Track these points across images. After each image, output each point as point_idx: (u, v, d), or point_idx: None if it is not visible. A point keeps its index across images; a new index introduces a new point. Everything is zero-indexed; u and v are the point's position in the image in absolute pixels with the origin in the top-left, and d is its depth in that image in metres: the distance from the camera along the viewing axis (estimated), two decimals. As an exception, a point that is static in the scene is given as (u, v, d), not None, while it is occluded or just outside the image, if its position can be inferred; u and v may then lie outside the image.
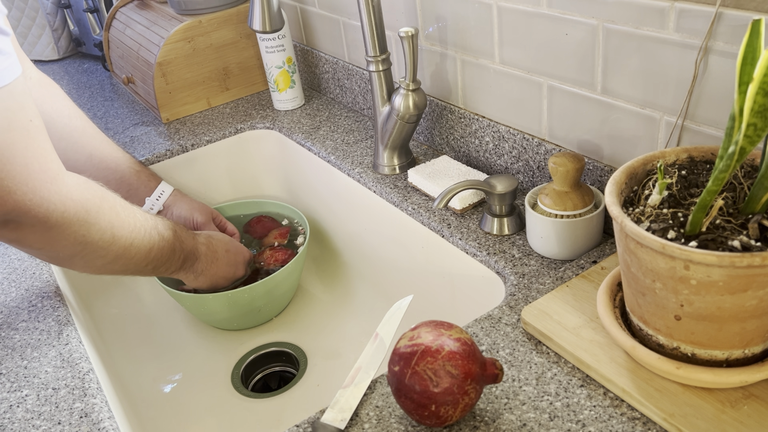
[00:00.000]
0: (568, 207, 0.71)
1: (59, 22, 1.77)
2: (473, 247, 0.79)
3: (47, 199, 0.64)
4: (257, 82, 1.33)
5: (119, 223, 0.73)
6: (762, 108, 0.43)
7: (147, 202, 1.00)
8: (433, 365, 0.52)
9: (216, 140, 1.20)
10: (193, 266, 0.88)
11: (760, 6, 0.55)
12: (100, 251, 0.72)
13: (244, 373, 0.99)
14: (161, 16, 1.29)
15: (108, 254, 0.73)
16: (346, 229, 1.10)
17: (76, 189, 0.68)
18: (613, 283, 0.62)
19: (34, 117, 0.64)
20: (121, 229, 0.73)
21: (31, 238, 0.66)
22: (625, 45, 0.67)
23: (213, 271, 0.91)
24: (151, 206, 1.00)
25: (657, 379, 0.55)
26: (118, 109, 1.37)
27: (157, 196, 1.00)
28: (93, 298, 1.06)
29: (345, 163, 1.03)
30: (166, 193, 1.01)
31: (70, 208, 0.66)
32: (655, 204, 0.53)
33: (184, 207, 1.03)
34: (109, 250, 0.72)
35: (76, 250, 0.70)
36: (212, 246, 0.91)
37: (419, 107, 0.91)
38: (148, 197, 1.00)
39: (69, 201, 0.66)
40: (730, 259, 0.45)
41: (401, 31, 0.84)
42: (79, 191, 0.68)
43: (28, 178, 0.63)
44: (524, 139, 0.84)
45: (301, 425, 0.58)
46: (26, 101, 0.64)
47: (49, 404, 0.66)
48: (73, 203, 0.67)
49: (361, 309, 1.07)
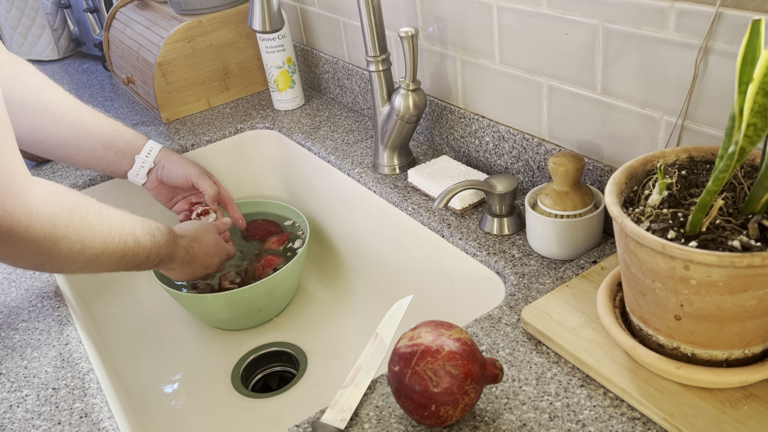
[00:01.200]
0: (568, 207, 0.71)
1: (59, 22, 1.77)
2: (473, 247, 0.79)
3: (11, 213, 0.62)
4: (257, 82, 1.33)
5: (90, 234, 0.71)
6: (762, 108, 0.43)
7: (137, 160, 0.99)
8: (433, 365, 0.52)
9: (216, 140, 1.20)
10: (168, 266, 0.87)
11: (760, 6, 0.55)
12: (67, 260, 0.70)
13: (244, 373, 0.99)
14: (161, 16, 1.29)
15: (76, 263, 0.71)
16: (346, 229, 1.10)
17: (43, 203, 0.66)
18: (613, 283, 0.62)
19: (3, 128, 0.62)
20: (92, 239, 0.71)
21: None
22: (625, 45, 0.67)
23: (187, 270, 0.91)
24: (141, 164, 0.99)
25: (657, 379, 0.55)
26: (118, 109, 1.37)
27: (146, 153, 1.00)
28: (93, 298, 1.06)
29: (345, 163, 1.03)
30: (155, 150, 1.01)
31: (35, 222, 0.64)
32: (655, 204, 0.53)
33: (176, 163, 1.02)
34: (78, 259, 0.71)
35: (42, 260, 0.68)
36: (192, 251, 0.90)
37: (419, 107, 0.91)
38: (137, 155, 0.99)
39: (35, 215, 0.64)
40: (730, 259, 0.45)
41: (401, 31, 0.84)
42: (46, 205, 0.66)
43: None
44: (524, 139, 0.84)
45: (301, 425, 0.58)
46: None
47: (49, 404, 0.66)
48: (39, 218, 0.64)
49: (361, 309, 1.07)
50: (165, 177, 1.01)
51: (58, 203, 0.68)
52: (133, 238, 0.77)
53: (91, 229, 0.71)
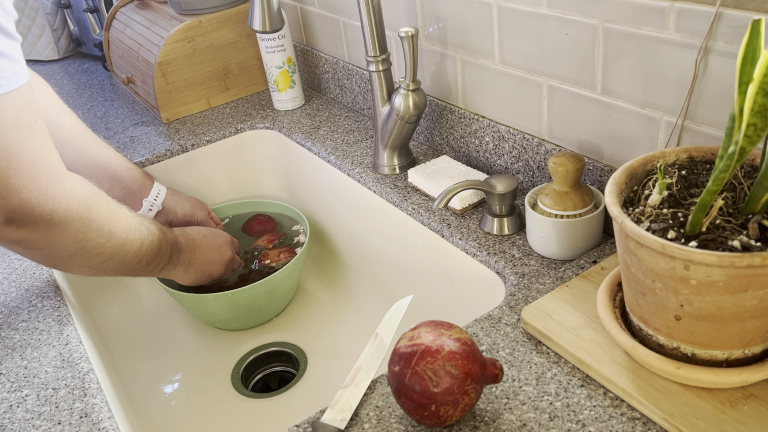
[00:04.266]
0: (568, 207, 0.71)
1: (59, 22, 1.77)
2: (473, 247, 0.79)
3: (51, 197, 0.65)
4: (257, 82, 1.33)
5: (115, 218, 0.74)
6: (762, 108, 0.43)
7: (144, 204, 0.99)
8: (433, 365, 0.52)
9: (216, 140, 1.20)
10: (179, 258, 0.88)
11: (760, 6, 0.55)
12: (99, 248, 0.72)
13: (244, 373, 0.99)
14: (161, 16, 1.29)
15: (105, 251, 0.73)
16: (346, 229, 1.10)
17: (78, 187, 0.69)
18: (613, 283, 0.62)
19: (39, 117, 0.65)
20: (117, 224, 0.74)
21: (33, 237, 0.66)
22: (625, 45, 0.67)
23: (199, 258, 0.91)
24: (149, 207, 1.00)
25: (657, 379, 0.55)
26: (118, 109, 1.37)
27: (154, 197, 1.00)
28: (93, 298, 1.06)
29: (345, 163, 1.03)
30: (162, 193, 1.01)
31: (73, 205, 0.67)
32: (655, 204, 0.53)
33: (186, 204, 1.03)
34: (107, 246, 0.73)
35: (76, 248, 0.70)
36: (188, 235, 0.92)
37: (419, 107, 0.91)
38: (146, 199, 1.00)
39: (73, 198, 0.67)
40: (730, 259, 0.45)
41: (401, 31, 0.84)
42: (80, 189, 0.69)
43: (33, 177, 0.63)
44: (524, 139, 0.84)
45: (301, 425, 0.58)
46: (32, 102, 0.65)
47: (49, 404, 0.66)
48: (76, 200, 0.68)
49: (361, 309, 1.07)
50: (172, 219, 1.02)
51: (87, 188, 0.71)
52: (145, 227, 0.80)
53: (115, 214, 0.75)
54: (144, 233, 0.79)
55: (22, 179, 0.62)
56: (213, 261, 0.94)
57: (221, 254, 0.95)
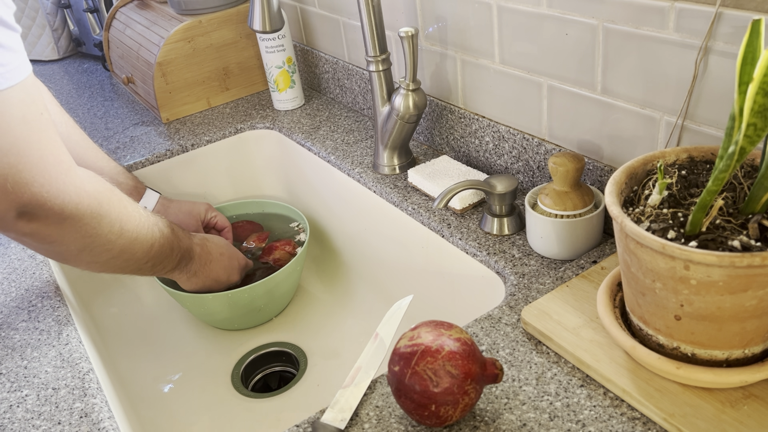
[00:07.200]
0: (568, 207, 0.71)
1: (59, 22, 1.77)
2: (473, 247, 0.79)
3: (63, 191, 0.65)
4: (257, 82, 1.33)
5: (126, 215, 0.74)
6: (762, 108, 0.43)
7: None
8: (433, 365, 0.52)
9: (216, 140, 1.20)
10: (187, 266, 0.88)
11: (760, 6, 0.55)
12: (108, 245, 0.72)
13: (244, 373, 0.99)
14: (161, 16, 1.29)
15: (114, 247, 0.73)
16: (346, 229, 1.10)
17: (88, 181, 0.69)
18: (613, 283, 0.62)
19: (44, 110, 0.65)
20: (128, 222, 0.74)
21: (44, 231, 0.66)
22: (625, 45, 0.67)
23: (206, 272, 0.91)
24: None
25: (657, 379, 0.55)
26: (118, 109, 1.37)
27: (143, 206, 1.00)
28: (93, 298, 1.06)
29: (345, 163, 1.03)
30: (152, 202, 1.01)
31: (84, 199, 0.67)
32: (655, 204, 0.53)
33: (179, 213, 1.03)
34: (116, 243, 0.73)
35: (86, 243, 0.70)
36: (206, 248, 0.91)
37: (419, 107, 0.91)
38: None
39: (83, 192, 0.67)
40: (730, 259, 0.45)
41: (401, 31, 0.84)
42: (91, 183, 0.69)
43: (44, 170, 0.63)
44: (524, 139, 0.84)
45: (301, 425, 0.58)
46: (36, 94, 0.64)
47: (49, 404, 0.66)
48: (87, 195, 0.67)
49: (361, 309, 1.07)
50: None
51: (99, 182, 0.71)
52: (158, 228, 0.79)
53: (127, 211, 0.74)
54: (156, 235, 0.78)
55: (33, 173, 0.62)
56: (218, 279, 0.93)
57: (228, 276, 0.95)
